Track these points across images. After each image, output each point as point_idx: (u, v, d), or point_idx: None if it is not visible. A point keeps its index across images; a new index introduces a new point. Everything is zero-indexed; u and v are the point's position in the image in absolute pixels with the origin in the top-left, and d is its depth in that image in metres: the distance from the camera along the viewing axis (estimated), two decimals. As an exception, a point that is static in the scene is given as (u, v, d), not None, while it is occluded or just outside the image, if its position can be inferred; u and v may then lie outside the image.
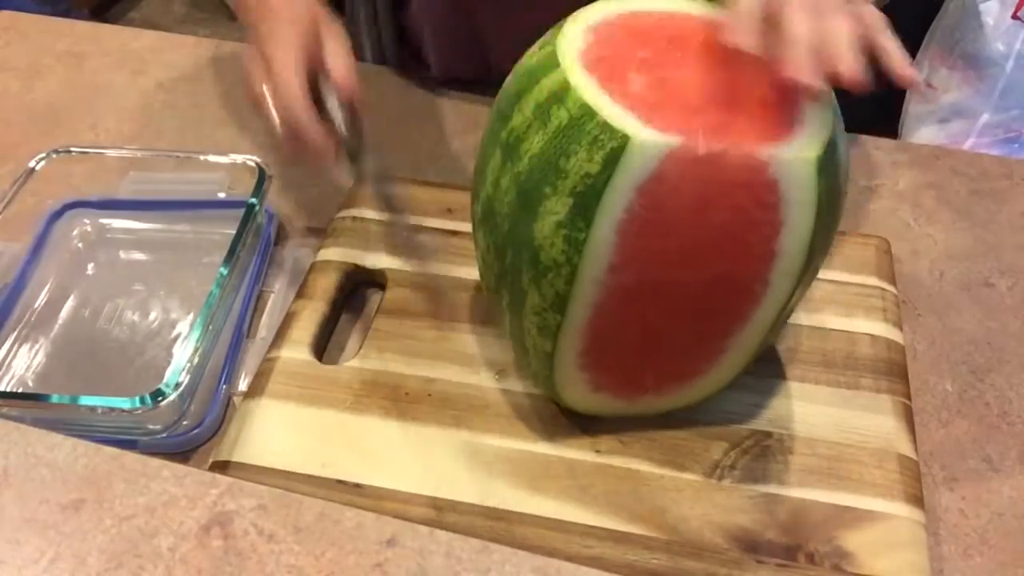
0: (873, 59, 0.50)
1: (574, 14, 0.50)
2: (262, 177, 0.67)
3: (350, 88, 0.58)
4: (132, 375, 0.62)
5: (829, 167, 0.46)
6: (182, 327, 0.65)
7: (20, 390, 0.61)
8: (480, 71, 0.85)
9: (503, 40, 0.80)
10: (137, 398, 0.53)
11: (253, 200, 0.65)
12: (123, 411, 0.54)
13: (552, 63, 0.48)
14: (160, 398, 0.53)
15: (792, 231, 0.46)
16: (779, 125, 0.45)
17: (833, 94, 0.48)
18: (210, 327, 0.58)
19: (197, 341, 0.56)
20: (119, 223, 0.72)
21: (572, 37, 0.49)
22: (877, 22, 0.47)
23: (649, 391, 0.55)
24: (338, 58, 0.58)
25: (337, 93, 0.58)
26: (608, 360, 0.53)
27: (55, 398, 0.55)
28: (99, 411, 0.54)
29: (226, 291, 0.60)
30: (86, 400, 0.54)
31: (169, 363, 0.57)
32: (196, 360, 0.56)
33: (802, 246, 0.47)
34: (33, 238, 0.68)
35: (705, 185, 0.44)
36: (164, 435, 0.57)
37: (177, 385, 0.54)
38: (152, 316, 0.66)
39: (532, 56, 0.51)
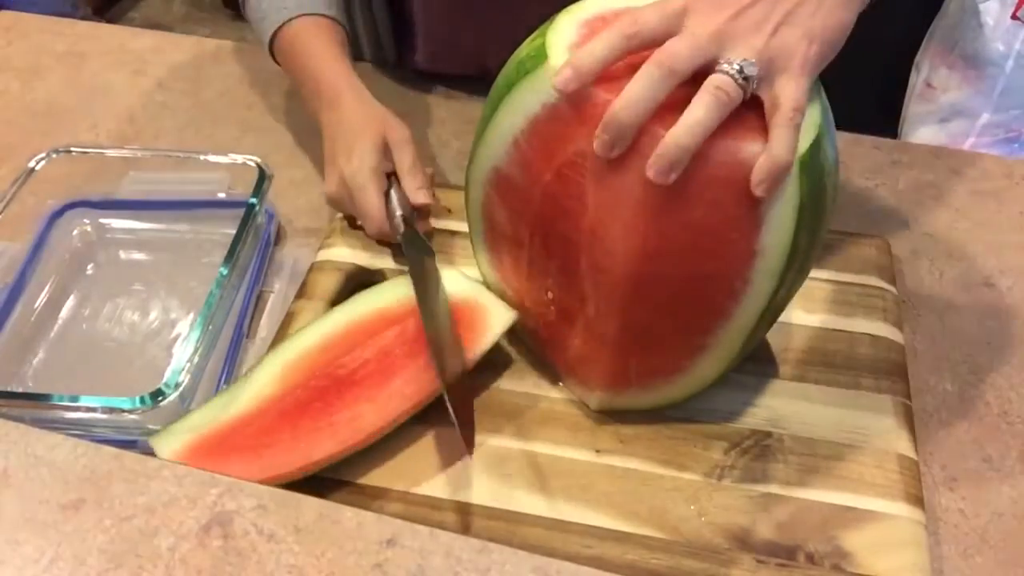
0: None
1: (568, 8, 0.51)
2: (262, 177, 0.67)
3: (421, 206, 0.66)
4: (132, 375, 0.62)
5: (813, 167, 0.46)
6: (182, 327, 0.65)
7: (20, 390, 0.61)
8: (475, 68, 0.85)
9: (498, 37, 0.81)
10: (137, 398, 0.53)
11: (253, 200, 0.65)
12: (123, 411, 0.54)
13: (540, 55, 0.48)
14: (160, 398, 0.53)
15: (773, 230, 0.46)
16: (764, 123, 0.45)
17: (824, 95, 0.48)
18: (210, 327, 0.58)
19: (197, 341, 0.56)
20: (119, 223, 0.72)
21: (563, 30, 0.49)
22: (786, 106, 0.45)
23: (632, 385, 0.55)
24: (409, 179, 0.66)
25: (405, 205, 0.65)
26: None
27: (55, 398, 0.55)
28: (99, 411, 0.54)
29: (226, 291, 0.60)
30: (86, 400, 0.54)
31: (169, 363, 0.56)
32: (196, 360, 0.56)
33: (784, 246, 0.47)
34: (33, 238, 0.68)
35: (683, 179, 0.44)
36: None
37: (177, 385, 0.54)
38: (152, 316, 0.66)
39: (523, 49, 0.51)
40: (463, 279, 0.61)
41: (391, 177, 0.67)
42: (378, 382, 0.55)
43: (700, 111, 0.42)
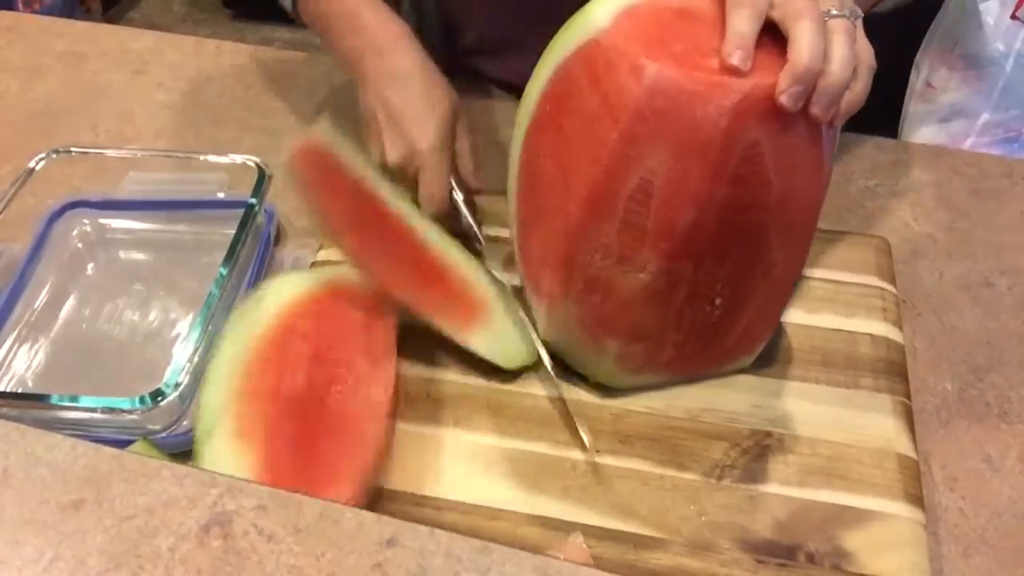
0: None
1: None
2: (261, 177, 0.67)
3: (476, 189, 0.67)
4: (132, 375, 0.62)
5: None
6: (182, 327, 0.65)
7: (20, 390, 0.61)
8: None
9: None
10: (136, 398, 0.53)
11: (252, 200, 0.65)
12: (122, 411, 0.53)
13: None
14: (160, 398, 0.53)
15: None
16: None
17: None
18: (209, 327, 0.58)
19: (196, 341, 0.56)
20: (119, 223, 0.72)
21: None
22: (865, 57, 0.51)
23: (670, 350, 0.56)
24: (466, 161, 0.67)
25: (463, 188, 0.66)
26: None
27: (55, 398, 0.55)
28: (98, 411, 0.54)
29: (226, 291, 0.60)
30: (85, 400, 0.54)
31: (169, 363, 0.56)
32: (195, 360, 0.56)
33: None
34: (33, 238, 0.68)
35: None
36: (164, 435, 0.57)
37: (177, 385, 0.54)
38: (152, 316, 0.66)
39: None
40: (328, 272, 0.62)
41: None
42: (347, 391, 0.55)
43: (846, 48, 0.47)
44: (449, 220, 0.65)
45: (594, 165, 0.49)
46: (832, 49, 0.46)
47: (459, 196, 0.65)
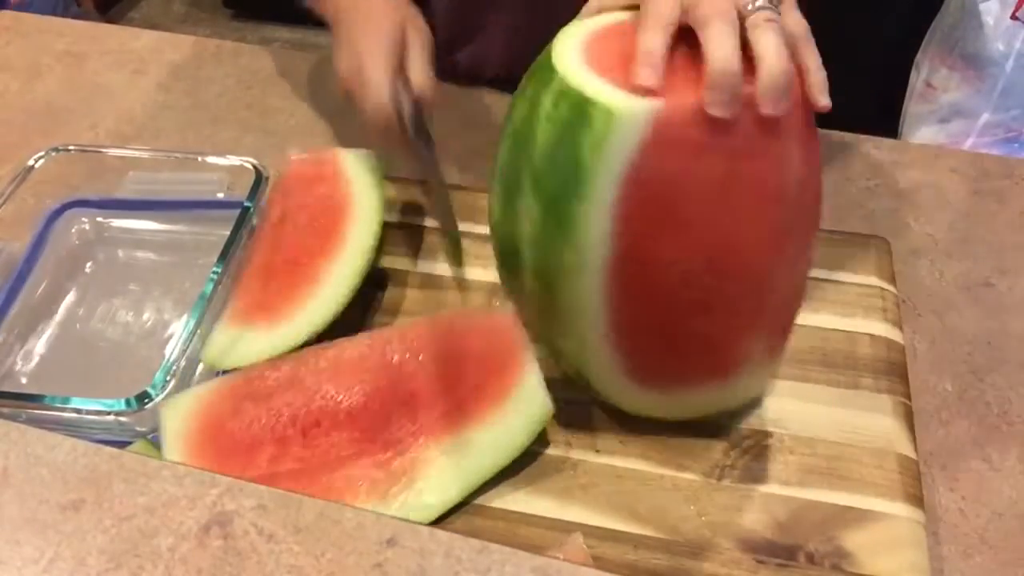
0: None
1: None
2: (258, 179, 0.67)
3: (424, 98, 0.65)
4: (125, 376, 0.62)
5: None
6: (175, 328, 0.65)
7: (14, 390, 0.61)
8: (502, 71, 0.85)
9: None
10: (123, 400, 0.53)
11: (248, 203, 0.65)
12: (110, 413, 0.53)
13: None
14: (147, 400, 0.53)
15: None
16: None
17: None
18: (200, 329, 0.57)
19: (185, 342, 0.56)
20: (118, 223, 0.72)
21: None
22: (800, 32, 0.47)
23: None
24: (418, 66, 0.65)
25: (412, 99, 0.64)
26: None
27: (44, 399, 0.54)
28: (84, 412, 0.53)
29: (219, 291, 0.60)
30: (74, 401, 0.53)
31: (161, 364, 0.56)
32: (183, 363, 0.56)
33: None
34: (32, 236, 0.68)
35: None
36: (153, 437, 0.56)
37: (164, 386, 0.54)
38: (146, 316, 0.66)
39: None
40: None
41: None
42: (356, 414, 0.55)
43: (773, 38, 0.45)
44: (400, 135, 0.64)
45: None
46: (759, 45, 0.44)
47: (406, 105, 0.63)
